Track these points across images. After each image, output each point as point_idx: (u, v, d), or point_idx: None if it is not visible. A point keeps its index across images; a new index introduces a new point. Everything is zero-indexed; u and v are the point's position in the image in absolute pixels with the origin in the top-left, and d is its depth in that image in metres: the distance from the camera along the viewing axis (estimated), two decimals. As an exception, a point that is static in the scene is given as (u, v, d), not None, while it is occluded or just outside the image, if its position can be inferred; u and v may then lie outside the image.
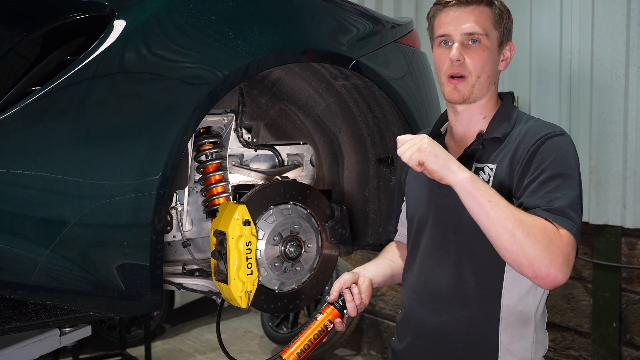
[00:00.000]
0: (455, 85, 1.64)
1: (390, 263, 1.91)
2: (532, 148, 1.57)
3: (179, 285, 2.01)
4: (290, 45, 1.88)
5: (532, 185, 1.54)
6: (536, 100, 3.53)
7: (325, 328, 1.72)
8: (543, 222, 1.47)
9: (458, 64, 1.62)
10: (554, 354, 3.64)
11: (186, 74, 1.66)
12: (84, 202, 1.53)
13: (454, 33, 1.63)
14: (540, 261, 1.44)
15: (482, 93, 1.66)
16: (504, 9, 1.67)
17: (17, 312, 1.60)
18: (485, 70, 1.64)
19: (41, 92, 1.49)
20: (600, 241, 3.37)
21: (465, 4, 1.63)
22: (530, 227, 1.44)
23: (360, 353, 4.76)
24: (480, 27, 1.62)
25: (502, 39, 1.67)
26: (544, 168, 1.54)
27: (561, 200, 1.50)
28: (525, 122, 1.67)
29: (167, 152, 1.62)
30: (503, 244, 1.46)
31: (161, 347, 5.04)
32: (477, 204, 1.48)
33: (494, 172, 1.62)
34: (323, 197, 2.09)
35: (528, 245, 1.44)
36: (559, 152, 1.56)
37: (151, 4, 1.64)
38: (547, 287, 1.51)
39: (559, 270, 1.45)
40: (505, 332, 1.63)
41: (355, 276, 1.79)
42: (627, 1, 3.11)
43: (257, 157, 2.28)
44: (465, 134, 1.72)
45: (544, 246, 1.44)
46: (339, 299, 1.74)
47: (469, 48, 1.63)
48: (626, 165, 3.19)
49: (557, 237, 1.46)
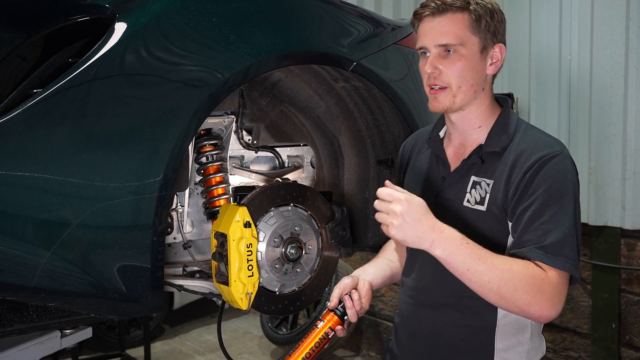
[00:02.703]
0: (435, 95, 1.62)
1: (389, 263, 1.91)
2: (529, 173, 1.53)
3: (179, 287, 2.01)
4: (290, 48, 1.88)
5: (527, 215, 1.51)
6: (535, 102, 3.53)
7: (326, 335, 1.72)
8: (531, 269, 1.47)
9: (434, 76, 1.60)
10: (553, 354, 3.65)
11: (187, 77, 1.66)
12: (85, 204, 1.53)
13: (429, 45, 1.61)
14: (531, 308, 1.47)
15: (466, 102, 1.62)
16: (483, 11, 1.59)
17: (18, 314, 1.60)
18: (466, 79, 1.59)
19: (42, 94, 1.49)
20: (599, 242, 3.37)
21: (438, 12, 1.59)
22: (518, 281, 1.45)
23: (359, 354, 4.76)
24: (454, 37, 1.58)
25: (485, 43, 1.61)
26: (538, 195, 1.51)
27: (554, 234, 1.49)
28: (524, 132, 1.62)
29: (168, 154, 1.63)
30: (491, 300, 1.49)
31: (160, 348, 5.04)
32: (457, 272, 1.49)
33: (490, 188, 1.59)
34: (323, 199, 2.09)
35: (516, 299, 1.46)
36: (555, 177, 1.52)
37: (152, 7, 1.64)
38: (541, 323, 1.58)
39: (551, 309, 1.48)
40: (501, 339, 1.63)
41: (355, 280, 1.78)
42: (627, 2, 3.12)
43: (257, 158, 2.28)
44: (463, 142, 1.70)
45: (532, 296, 1.46)
46: (339, 305, 1.74)
47: (445, 58, 1.59)
48: (625, 167, 3.20)
49: (545, 283, 1.47)
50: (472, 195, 1.62)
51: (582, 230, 1.57)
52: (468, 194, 1.63)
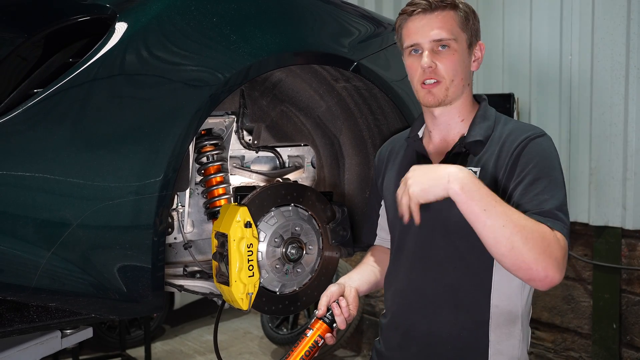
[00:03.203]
0: (429, 89, 1.65)
1: (373, 269, 1.93)
2: (516, 151, 1.58)
3: (180, 287, 2.01)
4: (291, 48, 1.88)
5: (519, 188, 1.55)
6: (536, 102, 3.53)
7: (316, 344, 1.73)
8: (542, 227, 1.46)
9: (430, 71, 1.63)
10: (554, 355, 3.65)
11: (188, 77, 1.66)
12: (85, 204, 1.53)
13: (423, 41, 1.64)
14: (539, 264, 1.43)
15: (457, 95, 1.67)
16: (469, 10, 1.67)
17: (19, 315, 1.60)
18: (458, 73, 1.65)
19: (43, 94, 1.49)
20: (600, 242, 3.37)
21: (430, 10, 1.64)
22: (529, 232, 1.43)
23: (360, 354, 4.76)
24: (448, 32, 1.63)
25: (471, 40, 1.68)
26: (529, 170, 1.55)
27: (550, 202, 1.51)
28: (504, 124, 1.68)
29: (169, 154, 1.63)
30: (500, 250, 1.45)
31: (161, 348, 5.04)
32: (473, 214, 1.46)
33: (478, 176, 1.61)
34: (324, 199, 2.09)
35: (526, 250, 1.43)
36: (542, 153, 1.58)
37: (153, 7, 1.64)
38: (543, 289, 1.50)
39: (556, 271, 1.45)
40: (495, 332, 1.64)
41: (342, 287, 1.80)
42: (627, 2, 3.11)
43: (258, 158, 2.28)
44: (444, 137, 1.73)
45: (541, 250, 1.43)
46: (327, 313, 1.75)
47: (439, 54, 1.63)
48: (626, 167, 3.20)
49: (554, 242, 1.45)
50: None
51: (582, 231, 1.58)
52: None
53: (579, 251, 3.49)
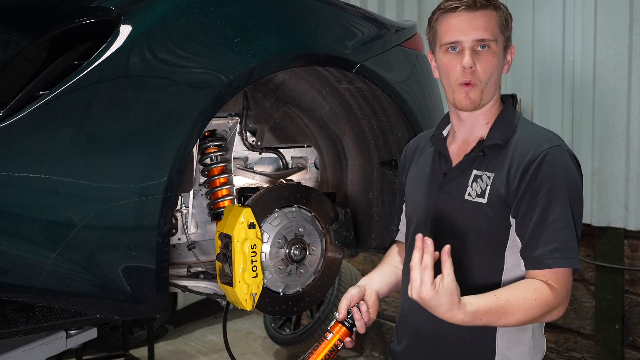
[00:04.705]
0: (467, 92, 1.62)
1: (394, 270, 1.90)
2: (530, 169, 1.57)
3: (184, 288, 2.02)
4: (294, 49, 1.89)
5: (535, 216, 1.55)
6: (539, 103, 3.53)
7: (335, 347, 1.71)
8: (544, 294, 1.53)
9: (470, 71, 1.60)
10: (556, 355, 3.65)
11: (192, 79, 1.67)
12: (90, 205, 1.54)
13: (464, 39, 1.60)
14: (544, 319, 1.58)
15: (489, 99, 1.65)
16: (508, 12, 1.65)
17: (24, 315, 1.61)
18: (493, 76, 1.62)
19: (48, 96, 1.50)
20: (602, 243, 3.37)
21: (474, 8, 1.60)
22: (537, 308, 1.52)
23: (362, 354, 4.76)
24: (490, 33, 1.59)
25: (507, 43, 1.66)
26: (542, 195, 1.55)
27: (564, 232, 1.55)
28: (523, 126, 1.67)
29: (173, 155, 1.63)
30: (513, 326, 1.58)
31: (164, 348, 5.05)
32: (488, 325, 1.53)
33: (491, 181, 1.61)
34: (327, 200, 2.10)
35: (533, 320, 1.56)
36: (554, 176, 1.56)
37: (157, 9, 1.65)
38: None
39: (560, 313, 1.57)
40: (503, 337, 1.64)
41: (362, 290, 1.77)
42: (630, 3, 3.11)
43: (261, 160, 2.29)
44: (467, 138, 1.72)
45: (545, 314, 1.55)
46: (347, 316, 1.74)
47: (478, 54, 1.60)
48: (629, 168, 3.20)
49: (555, 301, 1.54)
50: (473, 188, 1.64)
51: (585, 231, 1.60)
52: (469, 188, 1.65)
53: (582, 252, 3.48)
